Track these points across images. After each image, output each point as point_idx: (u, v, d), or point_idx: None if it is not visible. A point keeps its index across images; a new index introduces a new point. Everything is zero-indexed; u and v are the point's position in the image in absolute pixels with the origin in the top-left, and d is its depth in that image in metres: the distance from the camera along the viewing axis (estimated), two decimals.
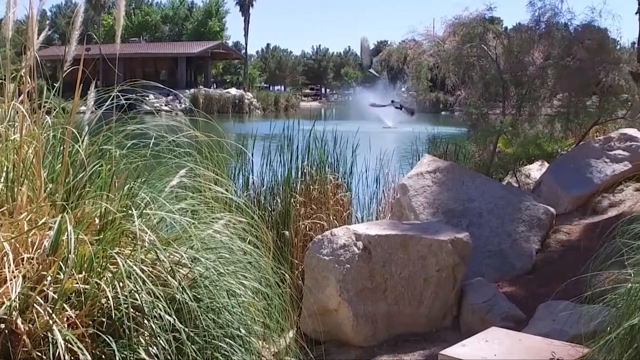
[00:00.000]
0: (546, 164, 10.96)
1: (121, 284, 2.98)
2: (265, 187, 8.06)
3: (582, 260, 4.06)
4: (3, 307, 2.81)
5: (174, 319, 3.03)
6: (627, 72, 10.34)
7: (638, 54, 13.53)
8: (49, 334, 2.82)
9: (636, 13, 14.64)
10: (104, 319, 2.99)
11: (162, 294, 3.05)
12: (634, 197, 8.69)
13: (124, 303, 2.91)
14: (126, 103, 3.98)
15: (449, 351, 4.29)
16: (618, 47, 12.61)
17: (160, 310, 3.01)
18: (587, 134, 11.39)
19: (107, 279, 3.05)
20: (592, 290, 3.78)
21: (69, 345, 2.78)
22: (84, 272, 3.06)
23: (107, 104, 3.90)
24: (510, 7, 18.41)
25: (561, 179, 9.52)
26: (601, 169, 9.40)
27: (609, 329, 3.51)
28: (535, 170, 11.12)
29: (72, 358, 2.80)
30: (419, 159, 9.96)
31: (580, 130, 11.46)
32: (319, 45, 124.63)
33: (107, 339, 2.91)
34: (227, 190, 4.25)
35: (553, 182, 9.58)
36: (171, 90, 41.24)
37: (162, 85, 5.46)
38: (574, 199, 9.21)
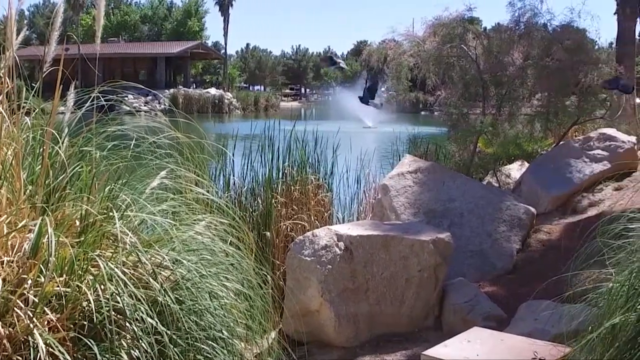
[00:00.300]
0: (526, 164, 11.01)
1: (102, 286, 2.95)
2: (246, 187, 8.04)
3: (563, 259, 4.08)
4: None
5: (156, 322, 3.01)
6: (606, 72, 10.42)
7: (617, 55, 13.65)
8: (30, 338, 2.79)
9: (614, 14, 14.77)
10: (85, 322, 2.96)
11: (144, 296, 3.02)
12: (614, 197, 8.76)
13: (105, 306, 2.88)
14: (106, 104, 3.95)
15: (431, 351, 4.29)
16: (596, 47, 12.72)
17: (142, 312, 2.99)
18: (566, 134, 11.46)
19: (88, 281, 3.02)
20: (573, 290, 3.79)
21: (50, 349, 2.75)
22: (64, 275, 3.03)
23: (87, 104, 3.87)
24: (488, 8, 18.55)
25: (541, 178, 9.57)
26: (581, 168, 9.46)
27: (590, 328, 3.52)
28: (516, 170, 11.18)
29: None
30: (399, 159, 9.98)
31: (559, 130, 11.54)
32: (299, 45, 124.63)
33: (88, 342, 2.88)
34: (208, 192, 4.23)
35: (533, 182, 9.63)
36: (150, 90, 41.08)
37: (141, 86, 5.41)
38: (554, 198, 9.26)
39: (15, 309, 2.85)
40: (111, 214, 3.24)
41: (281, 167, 8.12)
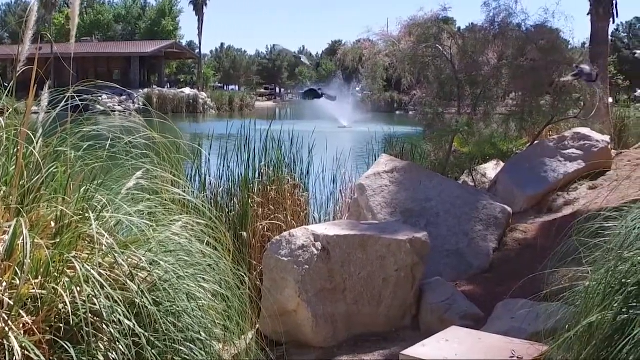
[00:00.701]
0: (501, 163, 11.07)
1: (79, 288, 2.92)
2: (222, 187, 8.00)
3: (539, 258, 4.11)
4: None
5: (134, 324, 2.98)
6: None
7: (590, 54, 13.77)
8: (5, 341, 2.75)
9: (588, 14, 14.92)
10: (61, 325, 2.92)
11: (121, 298, 2.99)
12: (589, 196, 8.82)
13: (82, 308, 2.85)
14: (81, 104, 3.91)
15: (409, 351, 4.29)
16: (570, 47, 12.82)
17: (120, 314, 2.96)
18: (541, 133, 11.53)
19: (64, 283, 2.99)
20: (549, 289, 3.82)
21: (26, 352, 2.72)
22: (40, 277, 3.00)
23: (61, 104, 3.83)
24: (462, 8, 18.68)
25: (516, 178, 9.62)
26: (556, 167, 9.53)
27: (567, 326, 3.54)
28: (491, 169, 11.24)
29: None
30: (375, 159, 10.00)
31: (534, 130, 11.61)
32: (274, 45, 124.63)
33: (65, 345, 2.85)
34: (184, 192, 4.20)
35: (508, 181, 9.68)
36: (125, 90, 40.79)
37: (115, 85, 5.36)
38: (529, 197, 9.32)
39: None
40: (87, 215, 3.21)
41: (257, 167, 8.09)
